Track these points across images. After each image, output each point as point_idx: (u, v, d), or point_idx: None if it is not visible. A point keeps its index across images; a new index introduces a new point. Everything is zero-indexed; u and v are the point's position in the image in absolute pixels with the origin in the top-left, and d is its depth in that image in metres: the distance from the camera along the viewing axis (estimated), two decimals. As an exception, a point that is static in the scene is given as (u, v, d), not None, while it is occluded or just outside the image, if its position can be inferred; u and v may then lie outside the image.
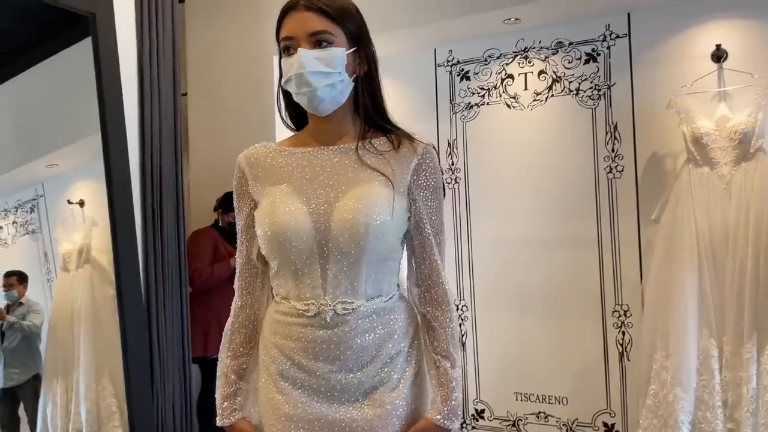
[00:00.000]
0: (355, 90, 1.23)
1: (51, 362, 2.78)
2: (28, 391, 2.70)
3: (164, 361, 2.81)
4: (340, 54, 1.17)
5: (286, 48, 1.19)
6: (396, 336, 1.21)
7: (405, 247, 1.27)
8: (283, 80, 1.21)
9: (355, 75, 1.22)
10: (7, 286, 2.68)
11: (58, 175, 2.92)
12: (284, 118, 1.32)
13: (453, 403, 1.18)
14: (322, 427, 1.17)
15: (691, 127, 2.72)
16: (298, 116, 1.31)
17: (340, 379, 1.18)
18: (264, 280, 1.30)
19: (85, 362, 2.80)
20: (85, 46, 2.59)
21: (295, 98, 1.21)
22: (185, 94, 3.96)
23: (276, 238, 1.18)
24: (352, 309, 1.18)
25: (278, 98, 1.30)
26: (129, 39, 2.76)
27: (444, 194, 1.28)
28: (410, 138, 1.24)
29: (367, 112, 1.24)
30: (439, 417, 1.18)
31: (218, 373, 1.30)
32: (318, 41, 1.16)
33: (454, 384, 1.19)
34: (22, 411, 2.72)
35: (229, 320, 1.31)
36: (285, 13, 1.19)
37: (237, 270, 1.31)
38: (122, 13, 2.68)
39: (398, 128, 1.26)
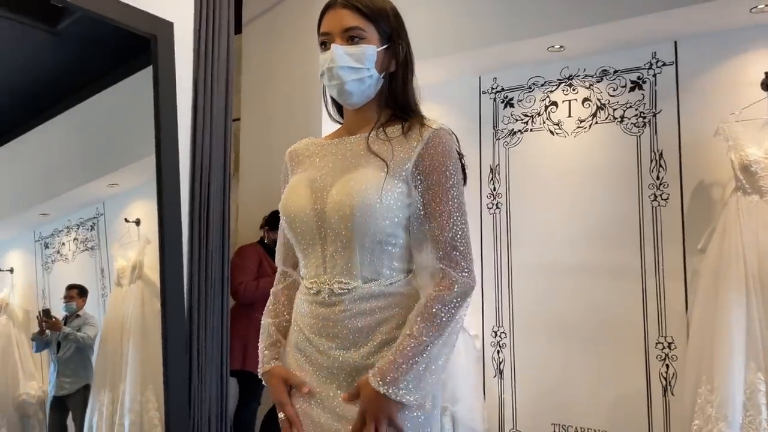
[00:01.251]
0: (386, 85, 1.28)
1: (100, 373, 2.87)
2: (78, 400, 2.79)
3: (202, 373, 2.87)
4: (370, 51, 1.24)
5: (323, 43, 1.28)
6: (392, 322, 1.21)
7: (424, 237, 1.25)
8: (319, 73, 1.28)
9: (385, 72, 1.28)
10: (68, 298, 2.81)
11: (118, 195, 3.07)
12: (329, 111, 1.40)
13: (389, 365, 1.14)
14: (317, 406, 1.23)
15: (740, 154, 2.66)
16: (341, 109, 1.38)
17: (337, 356, 1.22)
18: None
19: (132, 375, 2.89)
20: (147, 73, 2.76)
21: (328, 90, 1.30)
22: (238, 119, 4.14)
23: (286, 221, 1.29)
24: (348, 289, 1.22)
25: (324, 93, 1.37)
26: (186, 64, 2.92)
27: (465, 180, 1.27)
28: (422, 124, 1.26)
29: (391, 106, 1.29)
30: (370, 373, 1.16)
31: (261, 328, 1.38)
32: (350, 37, 1.24)
33: (401, 349, 1.15)
34: (70, 420, 2.81)
35: (276, 283, 1.43)
36: (325, 10, 1.28)
37: (277, 246, 1.42)
38: (181, 39, 2.84)
39: (418, 115, 1.29)
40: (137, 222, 2.98)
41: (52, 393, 2.74)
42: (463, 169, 1.28)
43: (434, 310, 1.17)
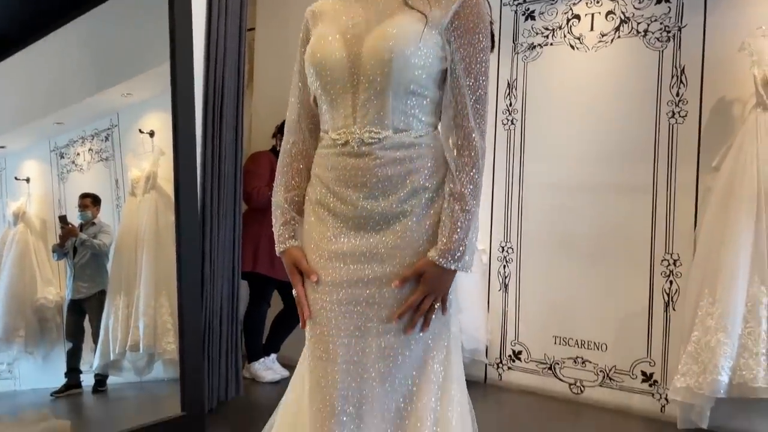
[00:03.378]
0: None
1: (115, 279, 2.96)
2: (94, 304, 2.89)
3: (214, 276, 2.96)
4: None
5: None
6: (422, 173, 1.24)
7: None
8: None
9: None
10: (82, 207, 2.87)
11: (132, 105, 3.06)
12: None
13: (453, 244, 1.20)
14: (348, 254, 1.24)
15: (763, 69, 2.59)
16: None
17: (365, 205, 1.24)
18: (315, 122, 1.37)
19: (146, 281, 2.96)
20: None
21: None
22: (252, 29, 4.07)
23: (314, 67, 1.26)
24: (378, 139, 1.23)
25: None
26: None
27: (492, 46, 1.28)
28: None
29: None
30: (435, 255, 1.21)
31: (273, 207, 1.38)
32: None
33: (459, 225, 1.20)
34: (86, 322, 2.92)
35: (281, 158, 1.40)
36: None
37: (290, 110, 1.39)
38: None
39: None
40: (151, 133, 2.99)
41: (70, 297, 2.85)
42: (492, 37, 1.28)
43: (476, 178, 1.23)
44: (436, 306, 1.23)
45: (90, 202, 2.90)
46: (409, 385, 1.24)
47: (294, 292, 1.31)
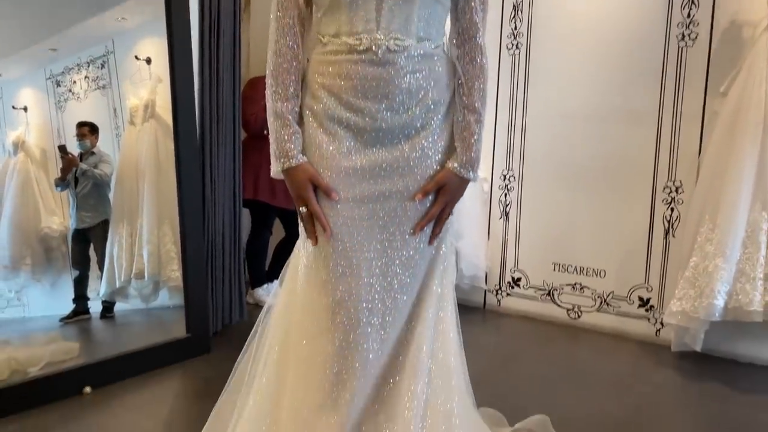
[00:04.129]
0: None
1: (118, 208, 2.97)
2: (98, 233, 2.92)
3: (215, 204, 2.96)
4: None
5: None
6: (441, 83, 1.25)
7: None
8: None
9: None
10: (80, 136, 2.84)
11: (127, 31, 2.98)
12: None
13: (472, 154, 1.25)
14: (366, 169, 1.24)
15: (778, -11, 2.48)
16: None
17: (386, 118, 1.21)
18: (308, 23, 1.28)
19: (148, 210, 2.98)
20: None
21: None
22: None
23: None
24: (404, 47, 1.19)
25: None
26: None
27: None
28: None
29: None
30: (456, 165, 1.25)
31: (271, 118, 1.27)
32: None
33: (475, 137, 1.25)
34: (92, 251, 2.97)
35: (273, 61, 1.26)
36: None
37: (281, 14, 1.25)
38: None
39: None
40: (148, 60, 2.93)
41: (74, 226, 2.88)
42: None
43: (485, 90, 1.26)
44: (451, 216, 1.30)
45: (87, 130, 2.88)
46: (419, 293, 1.30)
47: (303, 209, 1.24)
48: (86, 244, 2.94)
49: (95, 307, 2.94)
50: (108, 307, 2.96)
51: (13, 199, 2.89)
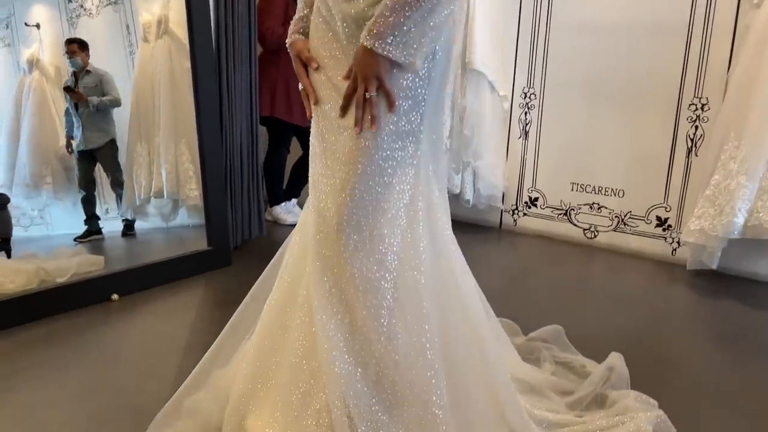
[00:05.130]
0: None
1: (134, 127, 2.96)
2: (107, 153, 2.90)
3: (233, 121, 2.95)
4: None
5: None
6: None
7: None
8: None
9: None
10: (70, 53, 2.75)
11: None
12: None
13: (383, 26, 1.12)
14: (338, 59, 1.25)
15: None
16: None
17: (341, 8, 1.21)
18: None
19: (165, 129, 2.97)
20: None
21: None
22: None
23: None
24: None
25: None
26: None
27: None
28: None
29: None
30: (364, 34, 1.15)
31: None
32: None
33: (397, 9, 1.11)
34: (97, 172, 2.96)
35: None
36: None
37: None
38: None
39: None
40: (160, -27, 2.84)
41: (81, 148, 2.85)
42: None
43: None
44: (369, 95, 1.16)
45: (77, 47, 2.79)
46: (373, 207, 1.23)
47: (300, 85, 1.33)
48: (92, 165, 2.93)
49: (111, 226, 2.99)
50: (129, 225, 3.00)
51: (31, 118, 2.89)
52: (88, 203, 2.90)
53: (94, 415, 1.56)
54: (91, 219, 2.90)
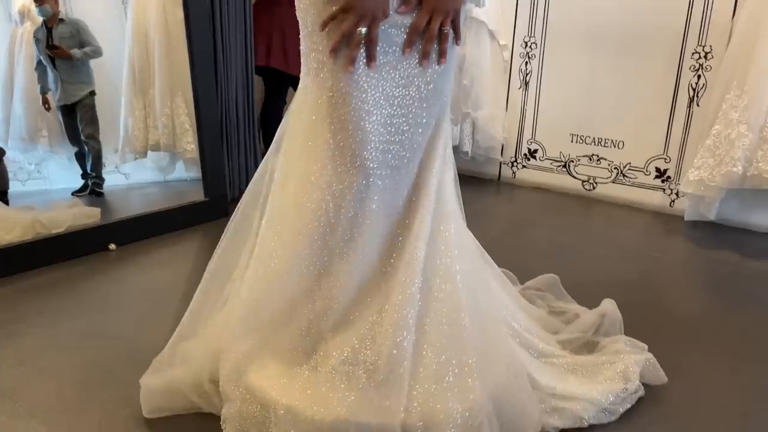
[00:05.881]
0: None
1: (129, 79, 2.90)
2: (86, 104, 2.77)
3: (228, 71, 2.90)
4: None
5: None
6: None
7: None
8: None
9: None
10: (38, 1, 2.61)
11: None
12: None
13: None
14: None
15: None
16: None
17: None
18: None
19: (160, 81, 2.91)
20: None
21: None
22: None
23: None
24: None
25: None
26: None
27: None
28: None
29: None
30: None
31: None
32: None
33: None
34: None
35: None
36: None
37: None
38: None
39: None
40: None
41: (61, 102, 2.73)
42: None
43: None
44: (446, 31, 1.13)
45: None
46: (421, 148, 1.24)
47: (363, 30, 1.13)
48: (74, 118, 2.81)
49: (111, 180, 2.96)
50: (97, 183, 2.89)
51: (24, 73, 2.83)
52: (83, 158, 2.85)
53: (94, 359, 1.59)
54: (88, 174, 2.86)
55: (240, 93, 3.00)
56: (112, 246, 2.40)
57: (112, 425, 1.33)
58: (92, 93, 2.78)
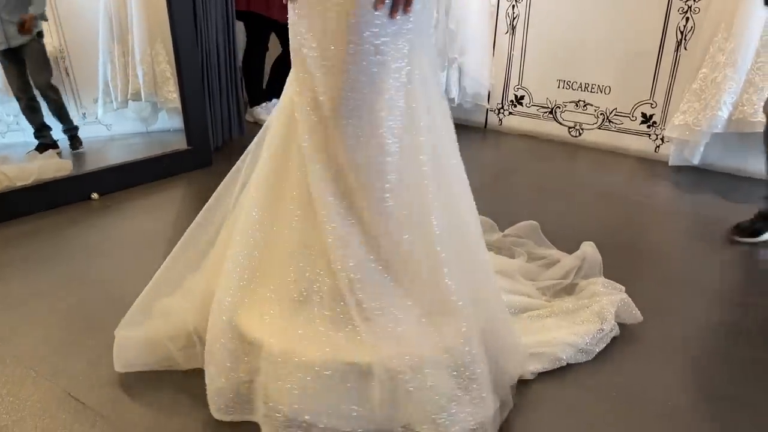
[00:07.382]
0: None
1: (107, 26, 2.80)
2: (33, 49, 2.46)
3: (208, 14, 2.81)
4: None
5: None
6: None
7: None
8: None
9: None
10: None
11: None
12: None
13: None
14: None
15: None
16: None
17: None
18: None
19: (138, 27, 2.82)
20: None
21: None
22: None
23: None
24: None
25: None
26: None
27: None
28: None
29: None
30: None
31: None
32: None
33: None
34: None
35: None
36: None
37: None
38: None
39: None
40: None
41: (3, 47, 2.37)
42: None
43: None
44: None
45: None
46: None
47: None
48: (22, 66, 2.47)
49: (92, 131, 2.88)
50: (74, 136, 2.73)
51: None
52: (32, 111, 2.55)
53: (79, 305, 1.60)
54: (41, 131, 2.58)
55: (221, 39, 2.93)
56: (95, 195, 2.38)
57: (100, 369, 1.35)
58: (40, 35, 2.46)
